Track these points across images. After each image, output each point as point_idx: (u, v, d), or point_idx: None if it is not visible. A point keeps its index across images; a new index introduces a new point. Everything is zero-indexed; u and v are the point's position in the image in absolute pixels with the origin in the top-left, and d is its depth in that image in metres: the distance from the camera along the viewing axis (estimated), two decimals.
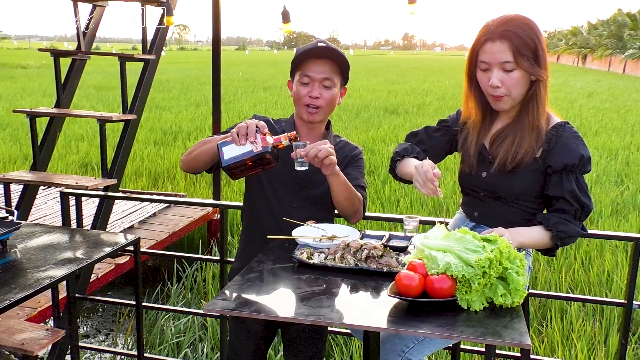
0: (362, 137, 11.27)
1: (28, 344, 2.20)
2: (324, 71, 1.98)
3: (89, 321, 5.17)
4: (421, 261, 1.51)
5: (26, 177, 4.29)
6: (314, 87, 1.98)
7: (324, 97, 1.99)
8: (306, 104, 2.00)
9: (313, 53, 1.98)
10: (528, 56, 1.74)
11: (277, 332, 2.23)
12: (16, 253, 2.00)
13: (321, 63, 1.98)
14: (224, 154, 1.79)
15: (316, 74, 1.98)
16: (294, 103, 2.06)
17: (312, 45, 1.99)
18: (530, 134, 1.80)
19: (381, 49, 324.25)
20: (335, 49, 1.98)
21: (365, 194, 2.10)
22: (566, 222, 1.79)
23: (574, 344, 3.89)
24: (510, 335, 1.30)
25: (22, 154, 9.64)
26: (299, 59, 2.00)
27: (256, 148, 1.77)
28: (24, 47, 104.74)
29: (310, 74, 1.98)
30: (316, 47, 1.96)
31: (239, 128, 1.80)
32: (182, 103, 17.13)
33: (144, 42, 4.70)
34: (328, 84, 2.00)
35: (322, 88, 1.99)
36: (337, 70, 2.01)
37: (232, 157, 1.79)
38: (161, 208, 6.33)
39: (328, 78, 1.99)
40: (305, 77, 1.99)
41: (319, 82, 1.99)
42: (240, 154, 1.78)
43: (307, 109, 2.01)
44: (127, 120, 4.48)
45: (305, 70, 1.99)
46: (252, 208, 2.14)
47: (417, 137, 2.09)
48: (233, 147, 1.79)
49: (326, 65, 1.99)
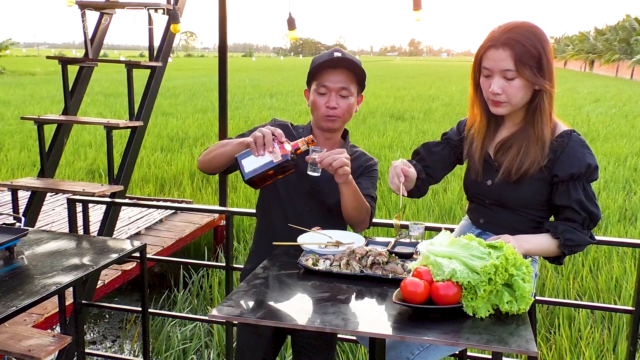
0: (368, 143, 11.27)
1: (35, 351, 2.20)
2: (340, 81, 1.99)
3: (95, 327, 5.18)
4: (427, 268, 1.51)
5: (34, 184, 4.31)
6: (331, 97, 1.99)
7: (341, 106, 2.00)
8: (324, 115, 2.01)
9: (330, 63, 1.98)
10: (531, 65, 1.72)
11: (286, 338, 2.23)
12: (23, 259, 2.01)
13: (338, 73, 1.99)
14: (244, 167, 1.76)
15: (333, 83, 1.99)
16: (312, 112, 2.07)
17: (328, 55, 2.00)
18: (536, 145, 1.79)
19: (387, 55, 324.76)
20: (351, 59, 1.98)
21: (374, 204, 2.11)
22: (574, 230, 1.78)
23: (582, 351, 3.86)
24: (517, 343, 1.30)
25: (30, 161, 9.69)
26: (316, 68, 2.00)
27: (276, 158, 1.74)
28: (32, 54, 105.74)
29: (327, 84, 1.99)
30: (332, 57, 1.97)
31: (256, 138, 1.77)
32: (188, 109, 17.19)
33: (150, 49, 4.73)
34: (345, 94, 2.00)
35: (339, 98, 2.00)
36: (353, 79, 2.02)
37: (253, 169, 1.75)
38: (167, 214, 6.34)
39: (345, 87, 2.00)
40: (322, 87, 2.00)
41: (335, 92, 1.99)
42: (260, 165, 1.75)
43: (326, 119, 2.02)
44: (134, 127, 4.50)
45: (322, 80, 1.99)
46: (265, 211, 2.14)
47: (419, 154, 2.10)
48: (252, 158, 1.76)
49: (342, 74, 1.99)
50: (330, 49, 2.07)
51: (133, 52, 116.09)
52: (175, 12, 4.69)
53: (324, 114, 2.01)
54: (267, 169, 1.74)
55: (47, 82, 28.36)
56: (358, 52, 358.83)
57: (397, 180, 1.79)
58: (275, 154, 1.74)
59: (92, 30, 4.84)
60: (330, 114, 2.00)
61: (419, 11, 4.00)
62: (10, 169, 9.19)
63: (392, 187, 1.82)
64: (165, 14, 4.72)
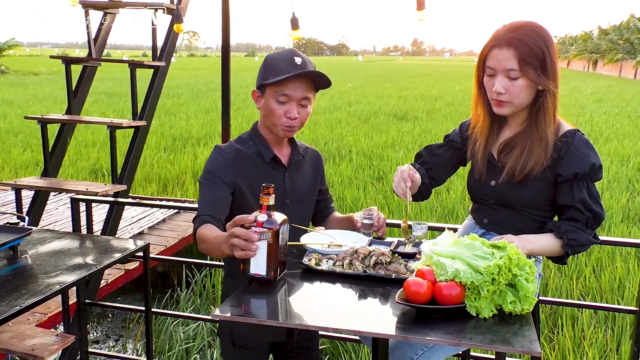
0: (371, 142, 11.27)
1: (38, 350, 2.21)
2: (302, 90, 1.87)
3: (98, 327, 5.19)
4: (430, 268, 1.50)
5: (37, 183, 4.32)
6: (292, 107, 1.87)
7: (301, 116, 1.91)
8: (284, 125, 1.90)
9: (295, 75, 1.84)
10: (535, 65, 1.72)
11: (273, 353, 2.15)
12: (27, 259, 2.02)
13: (301, 82, 1.86)
14: (258, 275, 1.60)
15: (294, 92, 1.86)
16: (265, 117, 1.93)
17: (288, 60, 1.85)
18: (539, 145, 1.79)
19: (390, 54, 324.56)
20: (314, 71, 1.86)
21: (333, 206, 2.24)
22: (577, 230, 1.77)
23: (585, 351, 3.85)
24: (520, 343, 1.29)
25: (34, 160, 9.72)
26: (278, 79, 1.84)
27: (270, 240, 1.57)
28: (35, 54, 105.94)
29: (289, 93, 1.86)
30: (295, 66, 1.84)
31: (238, 245, 1.52)
32: (191, 109, 17.21)
33: (154, 48, 4.73)
34: (305, 103, 1.91)
35: (300, 107, 1.90)
36: (312, 87, 1.92)
37: (264, 267, 1.58)
38: (170, 214, 6.35)
39: (306, 97, 1.90)
40: (282, 96, 1.86)
41: (297, 101, 1.88)
42: (265, 258, 1.58)
43: (284, 128, 1.91)
44: (137, 127, 4.51)
45: (282, 88, 1.85)
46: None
47: (421, 157, 2.10)
48: (253, 262, 1.58)
49: (305, 84, 1.88)
50: (288, 48, 1.93)
51: (136, 52, 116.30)
52: (178, 12, 4.69)
53: (284, 124, 1.90)
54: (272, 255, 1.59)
55: (51, 81, 28.43)
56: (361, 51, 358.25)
57: (404, 184, 1.79)
58: (267, 237, 1.57)
59: (96, 30, 4.85)
60: (291, 124, 1.90)
61: (422, 11, 3.99)
62: (13, 169, 9.22)
63: (398, 192, 1.82)
64: (168, 14, 4.73)
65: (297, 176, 2.01)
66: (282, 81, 1.84)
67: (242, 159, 1.93)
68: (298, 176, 2.01)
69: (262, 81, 1.90)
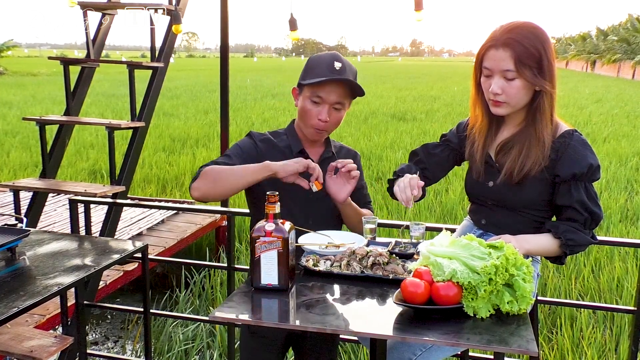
0: (369, 143, 11.27)
1: (37, 351, 2.21)
2: (337, 95, 1.92)
3: (97, 328, 5.19)
4: (427, 268, 1.51)
5: (35, 185, 4.32)
6: (324, 110, 1.93)
7: (332, 120, 1.95)
8: (314, 127, 1.96)
9: (331, 78, 1.89)
10: (531, 66, 1.72)
11: (290, 345, 2.17)
12: (25, 260, 2.02)
13: (336, 86, 1.92)
14: (270, 285, 1.57)
15: (329, 96, 1.92)
16: (299, 116, 2.01)
17: (328, 63, 1.90)
18: (537, 146, 1.79)
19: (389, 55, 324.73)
20: (351, 79, 1.91)
21: (371, 207, 2.16)
22: (576, 230, 1.77)
23: (584, 351, 3.85)
24: (517, 343, 1.30)
25: (32, 161, 9.71)
26: (316, 80, 1.90)
27: (280, 249, 1.55)
28: (34, 55, 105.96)
29: (323, 96, 1.92)
30: (333, 70, 1.89)
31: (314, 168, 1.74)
32: (190, 110, 17.21)
33: (152, 49, 4.73)
34: (338, 107, 1.95)
35: (332, 110, 1.94)
36: (348, 93, 1.97)
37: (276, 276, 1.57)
38: (169, 215, 6.34)
39: (340, 102, 1.94)
40: (316, 97, 1.93)
41: (330, 104, 1.93)
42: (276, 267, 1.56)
43: (315, 131, 1.97)
44: (135, 128, 4.51)
45: (318, 89, 1.92)
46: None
47: (417, 156, 2.10)
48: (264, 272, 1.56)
49: (340, 89, 1.93)
50: (330, 52, 2.00)
51: (135, 53, 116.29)
52: (176, 13, 4.70)
53: (315, 126, 1.95)
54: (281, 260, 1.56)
55: (49, 82, 28.41)
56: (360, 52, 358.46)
57: (410, 192, 1.79)
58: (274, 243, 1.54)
59: (94, 31, 4.85)
60: (321, 127, 1.95)
61: (420, 12, 4.01)
62: (12, 170, 9.21)
63: (401, 197, 1.81)
64: (167, 15, 4.73)
65: (323, 170, 1.96)
66: (319, 83, 1.90)
67: (272, 150, 1.99)
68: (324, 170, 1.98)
69: (301, 80, 1.97)
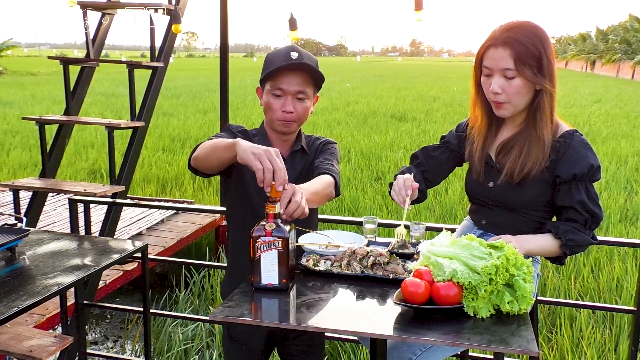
0: (369, 143, 11.27)
1: (36, 351, 2.21)
2: (297, 84, 1.88)
3: (97, 328, 5.19)
4: (427, 268, 1.51)
5: (35, 184, 4.32)
6: (287, 101, 1.89)
7: (297, 110, 1.91)
8: (280, 119, 1.92)
9: (287, 67, 1.86)
10: (531, 65, 1.72)
11: (273, 349, 2.14)
12: (25, 260, 2.02)
13: (295, 75, 1.88)
14: (270, 285, 1.57)
15: (289, 86, 1.88)
16: (265, 113, 1.97)
17: (284, 55, 1.86)
18: (537, 146, 1.79)
19: (389, 55, 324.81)
20: (309, 63, 1.87)
21: (334, 175, 1.95)
22: (576, 230, 1.77)
23: (583, 351, 3.85)
24: (518, 343, 1.30)
25: (32, 161, 9.71)
26: (272, 72, 1.87)
27: (281, 249, 1.55)
28: (34, 54, 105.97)
29: (283, 87, 1.88)
30: (289, 59, 1.86)
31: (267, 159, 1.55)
32: (190, 110, 17.21)
33: (152, 49, 4.73)
34: (301, 97, 1.91)
35: (296, 101, 1.90)
36: (310, 82, 1.92)
37: (276, 276, 1.56)
38: (169, 215, 6.35)
39: (301, 91, 1.90)
40: (277, 90, 1.89)
41: (292, 95, 1.89)
42: (277, 267, 1.56)
43: (282, 123, 1.93)
44: (135, 127, 4.51)
45: (277, 82, 1.88)
46: (238, 225, 1.99)
47: (417, 159, 2.10)
48: (264, 273, 1.56)
49: (299, 77, 1.88)
50: (287, 47, 1.93)
51: (134, 53, 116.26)
52: (176, 13, 4.70)
53: (280, 118, 1.92)
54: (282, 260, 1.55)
55: (49, 82, 28.40)
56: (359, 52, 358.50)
57: (405, 192, 1.80)
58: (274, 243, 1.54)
59: (94, 31, 4.85)
60: (287, 118, 1.91)
61: (420, 11, 4.01)
62: (11, 170, 9.21)
63: (398, 199, 1.81)
64: (167, 14, 4.73)
65: (293, 164, 1.98)
66: (277, 75, 1.87)
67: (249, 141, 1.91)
68: (294, 164, 1.99)
69: (261, 78, 1.94)
